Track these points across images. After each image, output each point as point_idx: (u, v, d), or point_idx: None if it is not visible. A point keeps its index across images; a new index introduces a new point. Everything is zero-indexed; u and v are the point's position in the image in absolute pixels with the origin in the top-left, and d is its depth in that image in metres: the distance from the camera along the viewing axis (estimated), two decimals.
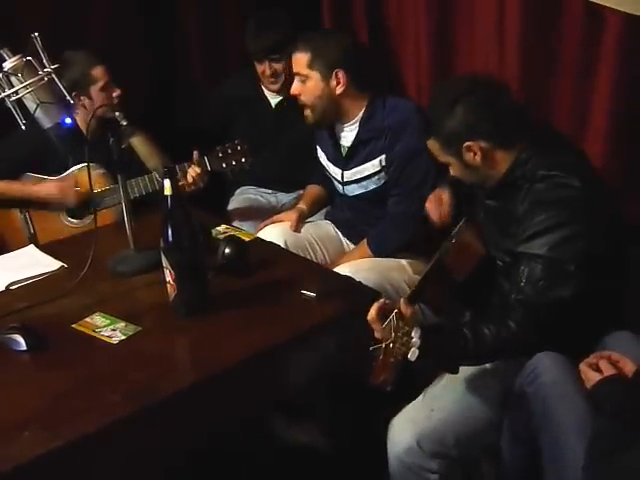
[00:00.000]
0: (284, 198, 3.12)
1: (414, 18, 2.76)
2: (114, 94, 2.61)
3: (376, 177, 2.50)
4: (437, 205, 2.16)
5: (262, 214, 2.96)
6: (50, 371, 1.71)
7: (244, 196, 3.15)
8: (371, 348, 1.67)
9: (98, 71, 2.58)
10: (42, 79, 1.81)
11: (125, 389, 1.61)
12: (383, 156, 2.46)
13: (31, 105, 1.84)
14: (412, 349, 1.60)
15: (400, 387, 1.67)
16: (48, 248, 2.31)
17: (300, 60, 2.45)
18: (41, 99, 1.83)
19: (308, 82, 2.45)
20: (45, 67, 1.81)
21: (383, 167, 2.48)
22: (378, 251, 2.47)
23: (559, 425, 1.56)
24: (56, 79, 1.82)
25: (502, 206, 1.85)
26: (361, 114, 2.48)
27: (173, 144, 2.77)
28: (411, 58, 2.87)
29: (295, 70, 2.49)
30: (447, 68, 2.72)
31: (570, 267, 1.66)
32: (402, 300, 1.67)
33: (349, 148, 2.53)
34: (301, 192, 2.94)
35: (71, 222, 2.69)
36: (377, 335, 1.68)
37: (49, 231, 2.67)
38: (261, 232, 2.63)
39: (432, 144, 1.87)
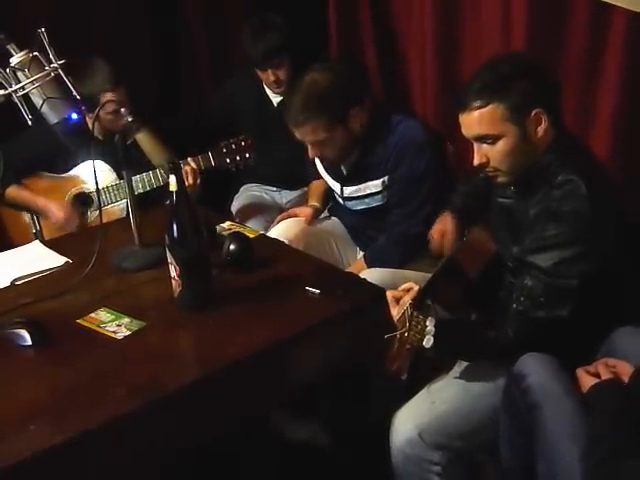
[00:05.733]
0: (288, 195, 3.13)
1: (420, 20, 2.76)
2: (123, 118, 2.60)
3: (379, 196, 2.44)
4: (440, 238, 2.15)
5: (266, 211, 2.97)
6: (55, 366, 1.71)
7: (248, 193, 3.16)
8: (386, 336, 1.70)
9: (108, 97, 2.52)
10: (49, 74, 1.81)
11: (129, 384, 1.61)
12: (386, 177, 2.40)
13: (37, 100, 1.84)
14: (427, 336, 1.64)
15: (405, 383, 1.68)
16: (53, 244, 2.32)
17: (316, 128, 2.31)
18: (47, 94, 1.83)
19: (335, 136, 2.33)
20: (52, 62, 1.81)
21: (385, 187, 2.42)
22: (374, 267, 2.39)
23: (548, 426, 1.55)
24: (63, 75, 1.81)
25: (514, 205, 1.85)
26: (363, 132, 2.37)
27: (177, 143, 2.79)
28: (416, 60, 2.86)
29: (311, 139, 2.35)
30: (453, 70, 2.71)
31: (572, 285, 1.66)
32: (417, 291, 1.71)
33: (350, 167, 2.45)
34: (305, 189, 2.95)
35: None
36: (392, 312, 1.73)
37: (54, 227, 2.68)
38: (278, 225, 2.63)
39: (491, 111, 1.70)
